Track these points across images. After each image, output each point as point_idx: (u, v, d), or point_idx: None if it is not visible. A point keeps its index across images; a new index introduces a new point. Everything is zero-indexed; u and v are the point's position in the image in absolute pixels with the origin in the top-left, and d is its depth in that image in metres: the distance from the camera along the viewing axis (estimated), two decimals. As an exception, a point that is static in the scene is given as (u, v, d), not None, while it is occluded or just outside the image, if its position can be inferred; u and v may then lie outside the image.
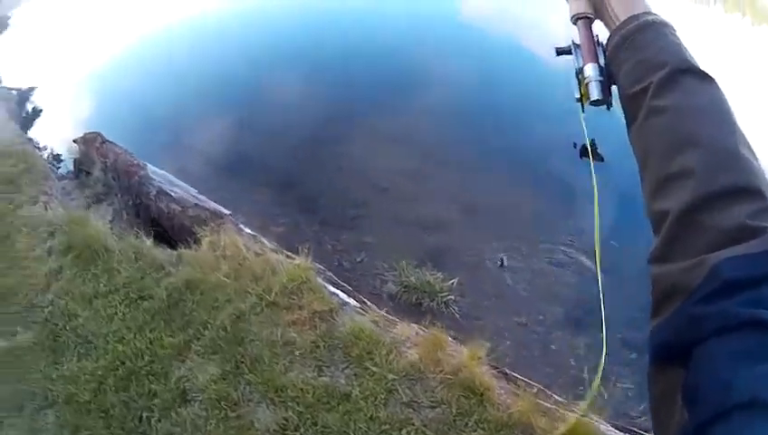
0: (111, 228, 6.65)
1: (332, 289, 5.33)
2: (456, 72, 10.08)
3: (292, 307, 4.98)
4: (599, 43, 1.34)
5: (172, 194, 6.67)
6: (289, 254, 5.71)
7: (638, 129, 1.07)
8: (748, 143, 0.94)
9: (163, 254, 5.82)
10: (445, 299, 6.00)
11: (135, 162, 7.27)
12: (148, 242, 6.00)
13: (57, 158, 9.27)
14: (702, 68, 1.06)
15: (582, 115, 1.48)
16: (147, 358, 4.85)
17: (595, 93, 1.30)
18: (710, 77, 1.04)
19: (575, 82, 1.38)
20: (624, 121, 1.15)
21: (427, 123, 9.06)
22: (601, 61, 1.31)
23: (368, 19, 12.46)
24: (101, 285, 5.57)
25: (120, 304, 5.37)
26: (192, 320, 5.06)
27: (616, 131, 1.34)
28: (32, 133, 9.77)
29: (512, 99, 9.61)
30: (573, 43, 1.39)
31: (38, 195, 7.30)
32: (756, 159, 0.92)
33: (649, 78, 1.07)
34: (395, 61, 10.73)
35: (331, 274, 5.73)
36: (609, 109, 1.31)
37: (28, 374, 5.00)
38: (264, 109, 9.95)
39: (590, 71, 1.31)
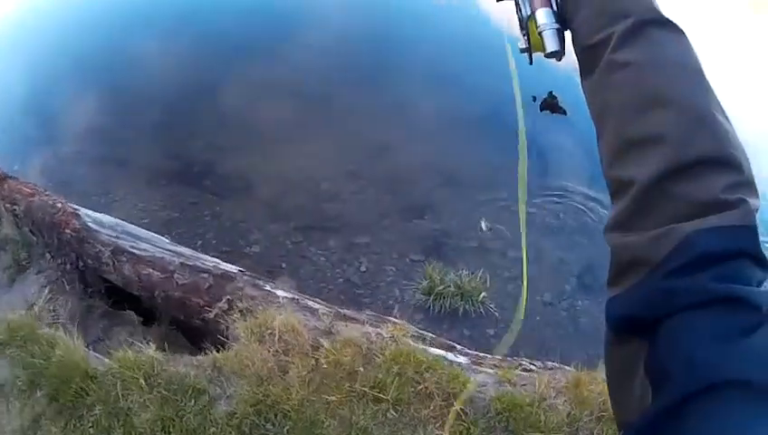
0: (54, 316, 4.65)
1: (440, 351, 4.20)
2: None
3: (421, 397, 3.74)
4: None
5: (136, 252, 4.70)
6: (380, 316, 4.38)
7: (597, 83, 0.99)
8: (719, 103, 0.88)
9: (187, 367, 3.96)
10: (480, 299, 5.24)
11: (59, 207, 5.02)
12: (153, 351, 4.06)
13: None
14: (669, 18, 0.97)
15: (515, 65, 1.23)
16: None
17: (552, 44, 1.14)
18: (678, 28, 0.97)
19: (520, 29, 1.22)
20: (579, 72, 1.05)
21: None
22: (554, 5, 1.15)
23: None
24: (117, 436, 3.68)
25: (164, 466, 3.60)
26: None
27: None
28: None
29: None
30: None
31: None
32: (728, 120, 0.86)
33: (611, 28, 0.98)
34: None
35: (417, 328, 4.48)
36: (560, 60, 1.17)
37: None
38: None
39: (544, 17, 1.15)
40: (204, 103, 7.54)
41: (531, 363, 4.32)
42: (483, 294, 5.27)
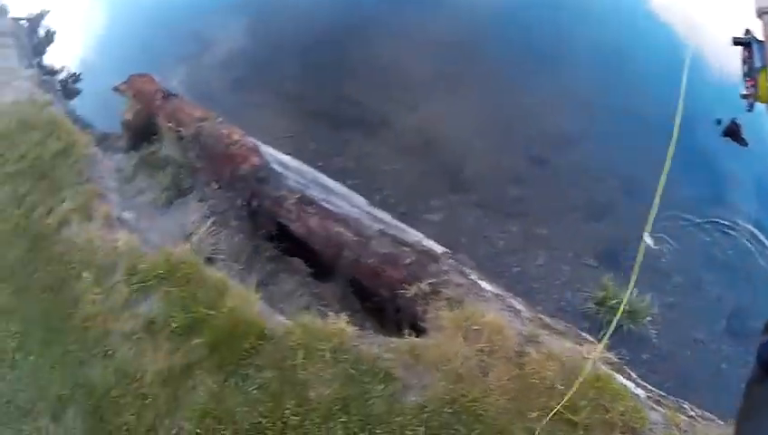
0: (215, 251, 4.53)
1: (626, 382, 4.01)
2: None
3: (605, 426, 3.53)
4: None
5: (328, 207, 4.51)
6: (578, 331, 4.22)
7: None
8: None
9: (380, 349, 3.76)
10: (644, 322, 5.07)
11: (236, 139, 4.80)
12: (344, 323, 3.85)
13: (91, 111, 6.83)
14: None
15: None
16: None
17: None
18: None
19: (743, 75, 1.27)
20: None
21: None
22: None
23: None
24: (288, 408, 3.48)
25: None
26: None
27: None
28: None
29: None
30: (754, 38, 1.26)
31: (91, 198, 4.65)
32: None
33: None
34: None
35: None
36: None
37: None
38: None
39: None
40: (386, 54, 7.33)
41: (691, 409, 4.19)
42: (648, 317, 5.09)
